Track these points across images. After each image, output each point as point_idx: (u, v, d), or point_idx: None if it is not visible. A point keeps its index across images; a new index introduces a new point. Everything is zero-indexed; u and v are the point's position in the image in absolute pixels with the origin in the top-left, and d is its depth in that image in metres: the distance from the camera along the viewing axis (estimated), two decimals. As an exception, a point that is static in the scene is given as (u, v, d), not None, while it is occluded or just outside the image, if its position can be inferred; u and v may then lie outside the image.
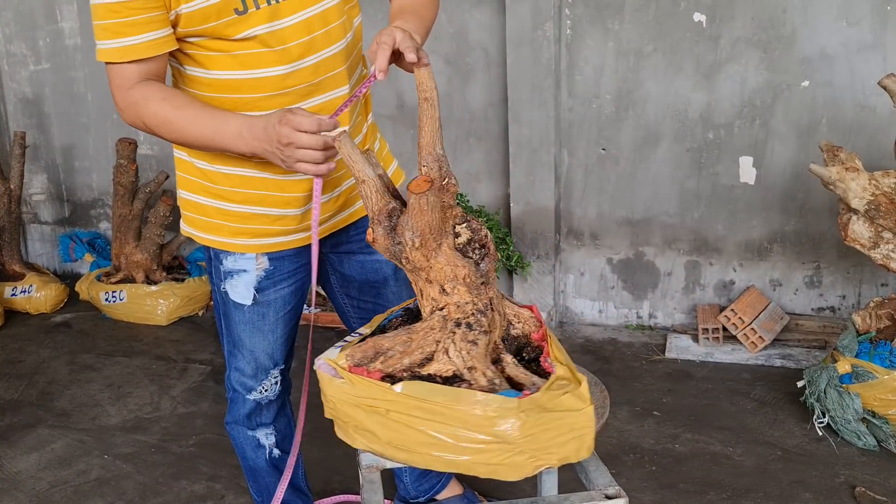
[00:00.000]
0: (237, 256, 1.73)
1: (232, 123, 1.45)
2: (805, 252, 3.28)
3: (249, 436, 1.96)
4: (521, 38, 3.33)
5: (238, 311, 1.78)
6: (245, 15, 1.48)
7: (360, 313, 1.93)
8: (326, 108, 1.60)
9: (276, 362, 1.86)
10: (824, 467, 2.42)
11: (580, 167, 3.48)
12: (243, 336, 1.80)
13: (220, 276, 1.78)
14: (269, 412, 1.93)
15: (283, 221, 1.70)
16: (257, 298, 1.76)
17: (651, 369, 3.15)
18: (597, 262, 3.58)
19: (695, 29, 3.19)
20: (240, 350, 1.83)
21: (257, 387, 1.87)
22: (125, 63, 1.47)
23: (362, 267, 1.87)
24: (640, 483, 2.37)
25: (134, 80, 1.49)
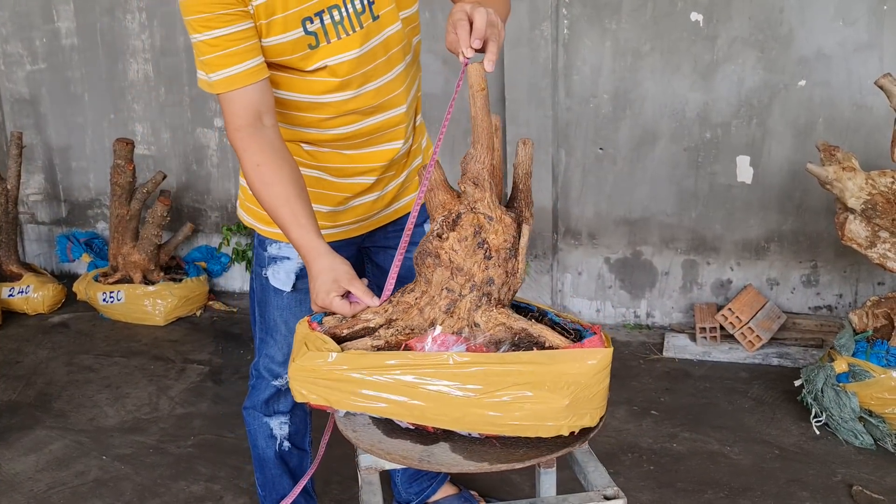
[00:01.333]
0: (281, 244, 1.78)
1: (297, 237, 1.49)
2: (802, 251, 3.29)
3: (264, 423, 1.97)
4: (519, 38, 3.33)
5: (277, 297, 1.83)
6: (316, 49, 1.54)
7: None
8: (385, 125, 1.68)
9: None
10: (821, 466, 2.43)
11: (578, 167, 3.49)
12: (279, 321, 1.85)
13: (262, 262, 1.84)
14: (286, 400, 1.95)
15: (329, 217, 1.77)
16: (297, 286, 1.81)
17: (649, 368, 3.15)
18: (594, 261, 3.58)
19: (692, 29, 3.19)
20: (273, 336, 1.87)
21: (284, 374, 1.88)
22: (233, 92, 1.49)
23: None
24: (639, 482, 2.38)
25: (243, 114, 1.51)
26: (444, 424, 1.24)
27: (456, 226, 1.31)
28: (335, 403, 1.29)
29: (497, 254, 1.30)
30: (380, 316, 1.35)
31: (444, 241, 1.31)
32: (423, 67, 3.85)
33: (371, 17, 1.55)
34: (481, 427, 1.23)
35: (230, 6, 1.44)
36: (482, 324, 1.30)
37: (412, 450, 1.27)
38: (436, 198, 1.33)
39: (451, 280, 1.31)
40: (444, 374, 1.21)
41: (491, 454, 1.25)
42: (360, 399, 1.26)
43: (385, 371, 1.24)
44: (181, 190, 4.21)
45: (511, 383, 1.19)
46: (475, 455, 1.25)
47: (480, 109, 1.30)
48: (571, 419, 1.22)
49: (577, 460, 1.43)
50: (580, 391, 1.21)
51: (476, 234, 1.30)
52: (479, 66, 1.30)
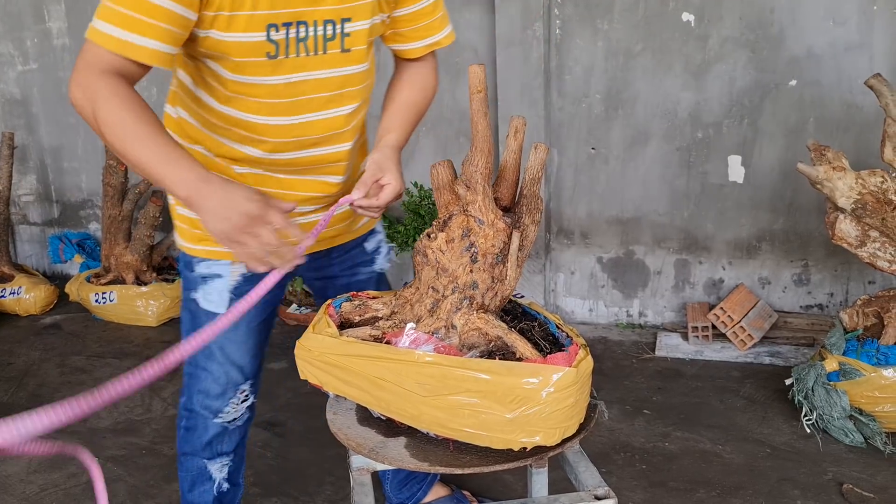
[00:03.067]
0: (211, 262, 1.66)
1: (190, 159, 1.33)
2: (793, 250, 3.30)
3: (202, 467, 1.83)
4: (511, 38, 3.34)
5: (211, 321, 1.70)
6: (274, 60, 1.45)
7: None
8: (327, 159, 1.63)
9: (247, 376, 1.77)
10: (812, 464, 2.44)
11: (570, 167, 3.49)
12: (214, 349, 1.70)
13: (191, 284, 1.69)
14: (232, 439, 1.83)
15: None
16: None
17: (641, 367, 3.16)
18: (587, 260, 3.59)
19: (683, 29, 3.20)
20: (207, 367, 1.72)
21: (225, 407, 1.76)
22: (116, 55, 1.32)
23: (347, 289, 1.76)
24: (631, 481, 2.39)
25: (110, 69, 1.33)
26: (405, 419, 1.28)
27: (446, 227, 1.31)
28: (325, 385, 1.36)
29: (484, 258, 1.31)
30: (387, 307, 1.41)
31: (432, 240, 1.32)
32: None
33: (340, 47, 1.51)
34: (436, 428, 1.25)
35: None
36: (459, 326, 1.30)
37: (370, 440, 1.31)
38: (441, 198, 1.33)
39: (437, 280, 1.32)
40: (408, 372, 1.24)
41: (439, 456, 1.26)
42: (343, 384, 1.33)
43: (357, 360, 1.29)
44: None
45: (463, 389, 1.19)
46: (423, 454, 1.27)
47: (476, 112, 1.31)
48: (519, 434, 1.19)
49: (569, 460, 1.44)
50: (531, 407, 1.17)
51: (465, 236, 1.31)
52: (479, 69, 1.30)
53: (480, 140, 1.31)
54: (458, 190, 1.32)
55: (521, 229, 1.32)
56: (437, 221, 1.34)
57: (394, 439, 1.31)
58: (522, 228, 1.32)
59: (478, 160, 1.32)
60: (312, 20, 1.45)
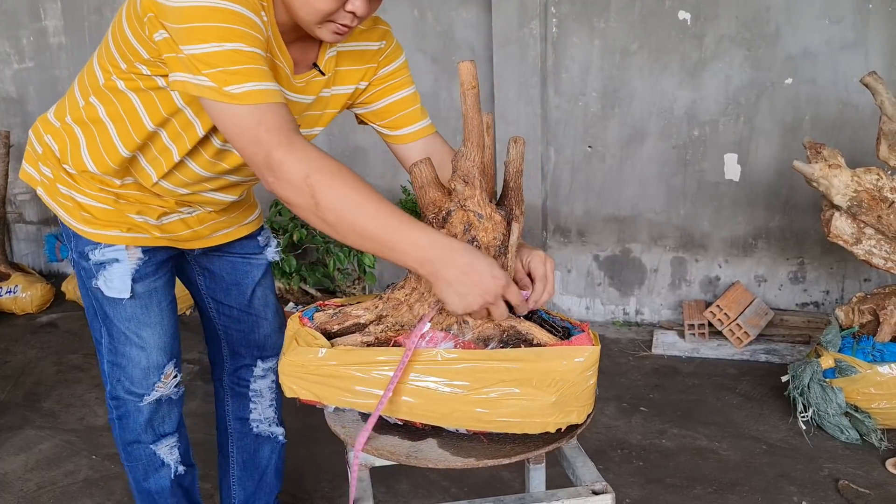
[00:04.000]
0: (105, 248, 1.62)
1: (418, 226, 1.22)
2: (789, 248, 3.31)
3: (150, 453, 1.79)
4: (508, 37, 3.34)
5: (118, 308, 1.65)
6: None
7: (226, 321, 1.89)
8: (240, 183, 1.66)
9: (170, 356, 1.74)
10: (808, 461, 2.45)
11: (567, 165, 3.50)
12: (129, 333, 1.68)
13: (89, 272, 1.64)
14: (171, 417, 1.79)
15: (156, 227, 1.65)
16: (136, 290, 1.64)
17: (638, 365, 3.17)
18: (583, 258, 3.60)
19: (680, 27, 3.21)
20: (125, 354, 1.69)
21: (151, 391, 1.73)
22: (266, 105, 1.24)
23: (233, 267, 1.83)
24: (628, 478, 2.39)
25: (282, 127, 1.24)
26: (431, 421, 1.25)
27: (446, 223, 1.31)
28: (324, 399, 1.29)
29: (487, 251, 1.31)
30: (370, 312, 1.35)
31: None
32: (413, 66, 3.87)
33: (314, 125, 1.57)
34: (469, 423, 1.24)
35: (261, 33, 1.29)
36: (470, 321, 1.31)
37: (400, 446, 1.28)
38: (427, 195, 1.33)
39: None
40: (432, 371, 1.22)
41: (478, 450, 1.26)
42: (350, 395, 1.27)
43: (374, 367, 1.24)
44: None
45: (498, 380, 1.20)
46: (462, 451, 1.26)
47: (471, 107, 1.31)
48: (558, 416, 1.23)
49: (566, 456, 1.44)
50: (567, 388, 1.21)
51: (466, 231, 1.31)
52: (470, 65, 1.30)
53: (476, 135, 1.31)
54: (454, 186, 1.32)
55: (518, 220, 1.34)
56: (436, 218, 1.33)
57: (423, 442, 1.28)
58: (518, 219, 1.34)
59: (474, 155, 1.32)
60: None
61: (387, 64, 1.60)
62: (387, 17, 4.01)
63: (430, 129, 1.66)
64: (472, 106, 1.31)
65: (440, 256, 1.19)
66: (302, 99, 1.50)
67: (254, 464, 2.05)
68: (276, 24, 1.37)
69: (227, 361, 1.96)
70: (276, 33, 1.38)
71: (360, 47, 1.55)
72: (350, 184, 1.21)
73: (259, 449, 2.04)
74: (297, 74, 1.47)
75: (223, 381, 1.99)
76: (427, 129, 1.65)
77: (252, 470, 2.05)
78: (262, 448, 2.04)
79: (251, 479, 2.06)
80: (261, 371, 1.95)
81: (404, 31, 3.59)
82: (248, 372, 1.95)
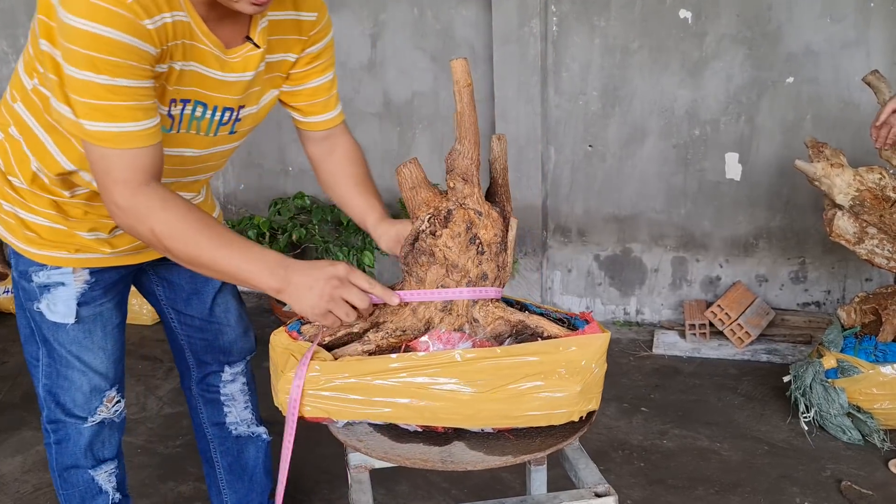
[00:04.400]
0: (50, 270, 1.56)
1: (264, 249, 1.30)
2: (790, 248, 3.30)
3: (87, 479, 1.73)
4: (508, 35, 3.33)
5: (60, 332, 1.59)
6: (168, 134, 1.42)
7: (188, 330, 1.84)
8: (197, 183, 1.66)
9: (112, 381, 1.69)
10: (810, 461, 2.43)
11: (567, 164, 3.48)
12: (71, 357, 1.62)
13: (31, 295, 1.59)
14: (112, 442, 1.74)
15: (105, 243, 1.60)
16: (81, 314, 1.59)
17: (639, 365, 3.15)
18: (584, 258, 3.58)
19: (680, 26, 3.19)
20: (67, 377, 1.63)
21: (93, 415, 1.68)
22: (119, 150, 1.25)
23: (192, 275, 1.75)
24: (629, 479, 2.38)
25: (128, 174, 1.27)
26: (456, 423, 1.23)
27: (448, 222, 1.30)
28: (335, 414, 1.25)
29: (489, 248, 1.31)
30: (364, 320, 1.32)
31: (437, 238, 1.30)
32: (413, 65, 3.83)
33: (230, 130, 1.53)
34: (495, 422, 1.23)
35: (144, 62, 1.25)
36: (481, 319, 1.30)
37: (429, 452, 1.25)
38: (418, 195, 1.31)
39: (447, 277, 1.30)
40: (452, 373, 1.20)
41: (510, 447, 1.25)
42: (364, 406, 1.23)
43: (390, 374, 1.21)
44: (169, 188, 4.17)
45: (523, 375, 1.20)
46: (496, 450, 1.25)
47: (467, 105, 1.30)
48: (582, 404, 1.24)
49: (568, 458, 1.43)
50: (589, 376, 1.23)
51: (468, 229, 1.30)
52: (464, 62, 1.29)
53: (472, 132, 1.31)
54: (453, 184, 1.31)
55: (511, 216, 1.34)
56: (437, 218, 1.31)
57: (451, 446, 1.26)
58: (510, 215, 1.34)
59: (472, 153, 1.31)
60: (213, 105, 1.44)
61: (316, 41, 1.56)
62: (386, 16, 3.99)
63: (340, 119, 1.67)
64: (468, 103, 1.30)
65: (286, 265, 1.27)
66: (241, 77, 1.45)
67: (240, 466, 2.00)
68: (193, 9, 1.32)
69: (193, 370, 1.91)
70: (195, 18, 1.33)
71: (291, 16, 1.50)
72: (194, 229, 1.27)
73: (243, 450, 1.99)
74: (231, 50, 1.42)
75: (192, 390, 1.94)
76: (337, 119, 1.66)
77: (240, 472, 2.01)
78: (246, 449, 1.99)
79: (240, 481, 2.01)
80: (229, 376, 1.90)
81: (403, 29, 3.57)
82: (216, 378, 1.90)
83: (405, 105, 3.66)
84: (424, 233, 1.31)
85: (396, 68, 3.63)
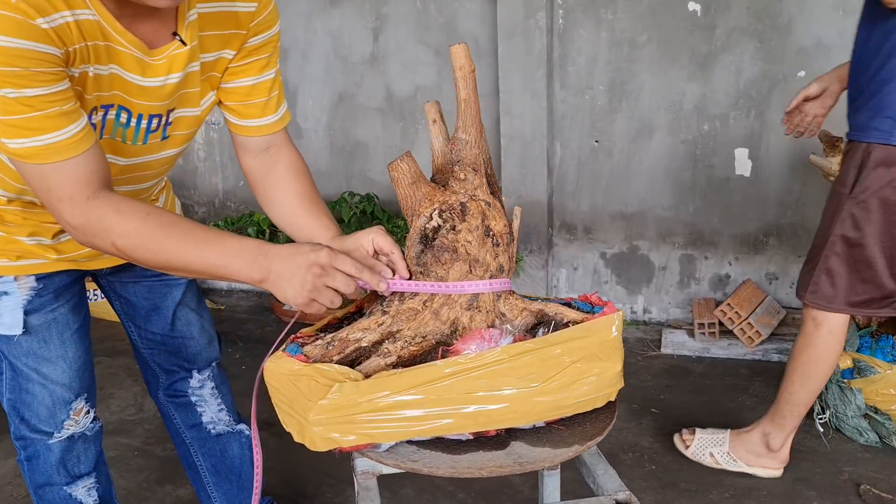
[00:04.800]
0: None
1: (238, 239, 1.21)
2: (801, 245, 3.23)
3: (65, 496, 1.62)
4: (513, 28, 3.26)
5: (13, 345, 1.48)
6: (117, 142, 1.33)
7: (150, 344, 1.74)
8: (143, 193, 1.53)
9: (78, 392, 1.56)
10: (827, 464, 2.37)
11: (573, 160, 3.42)
12: (28, 370, 1.50)
13: None
14: (87, 456, 1.62)
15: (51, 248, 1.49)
16: (29, 324, 1.47)
17: (647, 365, 3.09)
18: (590, 256, 3.52)
19: (689, 18, 3.13)
20: (28, 390, 1.52)
21: (60, 429, 1.56)
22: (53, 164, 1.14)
23: (149, 291, 1.67)
24: (641, 482, 2.31)
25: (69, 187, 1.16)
26: (510, 422, 1.16)
27: (465, 215, 1.23)
28: (381, 438, 1.12)
29: (502, 240, 1.25)
30: (372, 332, 1.22)
31: (458, 233, 1.23)
32: (416, 59, 3.76)
33: (161, 136, 1.38)
34: (549, 414, 1.18)
35: (49, 65, 1.12)
36: (507, 313, 1.25)
37: (497, 458, 1.15)
38: (419, 191, 1.23)
39: (471, 273, 1.23)
40: (503, 370, 1.13)
41: (569, 437, 1.20)
42: (408, 424, 1.12)
43: (439, 383, 1.11)
44: (166, 185, 4.11)
45: (569, 362, 1.16)
46: (558, 442, 1.19)
47: (473, 91, 1.23)
48: (618, 384, 1.24)
49: (585, 462, 1.37)
50: (620, 353, 1.24)
51: (482, 222, 1.24)
52: (464, 47, 1.22)
53: (478, 121, 1.25)
54: (463, 175, 1.25)
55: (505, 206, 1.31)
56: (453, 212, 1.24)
57: (511, 447, 1.18)
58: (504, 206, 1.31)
59: (479, 141, 1.25)
60: (137, 113, 1.31)
61: (259, 32, 1.40)
62: (388, 9, 3.92)
63: (281, 125, 1.49)
64: (473, 90, 1.23)
65: (265, 253, 1.18)
66: (165, 81, 1.30)
67: (226, 465, 1.89)
68: (101, 6, 1.18)
69: (160, 377, 1.81)
70: (106, 16, 1.18)
71: (226, 8, 1.34)
72: (158, 234, 1.18)
73: (226, 449, 1.87)
74: (156, 50, 1.26)
75: (160, 398, 1.84)
76: (277, 125, 1.48)
77: (226, 472, 1.89)
78: (229, 447, 1.87)
79: (228, 481, 1.90)
80: (197, 382, 1.80)
81: (406, 23, 3.51)
82: (184, 384, 1.80)
83: (408, 100, 3.59)
84: (444, 228, 1.22)
85: (399, 62, 3.57)
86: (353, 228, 3.54)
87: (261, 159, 1.49)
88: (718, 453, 2.33)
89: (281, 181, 1.47)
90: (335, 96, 3.73)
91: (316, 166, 3.74)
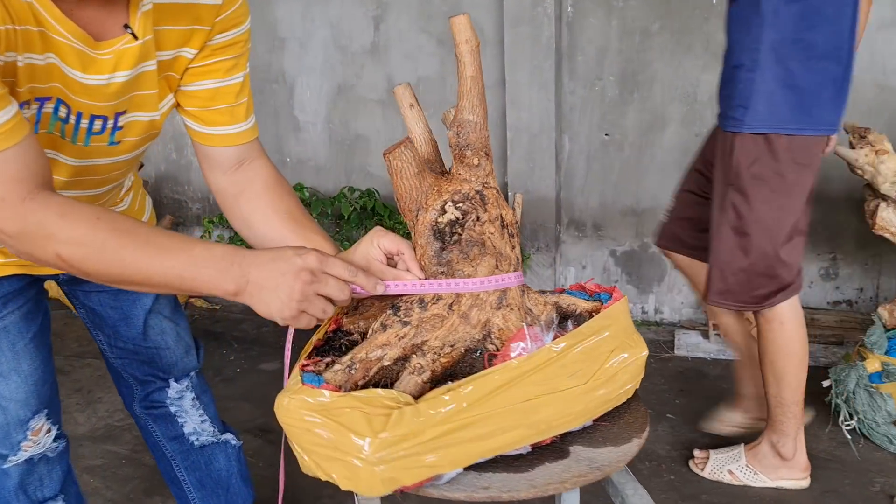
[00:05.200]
0: None
1: (217, 250, 1.04)
2: (820, 243, 3.10)
3: None
4: (520, 16, 3.13)
5: None
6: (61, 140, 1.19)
7: (121, 354, 1.61)
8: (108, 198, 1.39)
9: (36, 409, 1.40)
10: (857, 474, 2.24)
11: (582, 154, 3.29)
12: None
13: None
14: (52, 478, 1.45)
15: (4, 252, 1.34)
16: None
17: (661, 368, 2.96)
18: (599, 254, 3.39)
19: (704, 5, 3.00)
20: None
21: (16, 452, 1.39)
22: None
23: (115, 300, 1.53)
24: (660, 494, 2.18)
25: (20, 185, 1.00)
26: (566, 426, 1.07)
27: (486, 204, 1.10)
28: (443, 466, 0.98)
29: (514, 230, 1.14)
30: (393, 347, 1.06)
31: (483, 224, 1.09)
32: (419, 49, 3.61)
33: (108, 141, 1.23)
34: (600, 409, 1.11)
35: None
36: (533, 308, 1.13)
37: (571, 468, 1.04)
38: (425, 182, 1.09)
39: (497, 269, 1.09)
40: (555, 372, 1.04)
41: (621, 433, 1.13)
42: (473, 445, 0.99)
43: (499, 391, 0.99)
44: (160, 180, 3.98)
45: (609, 352, 1.11)
46: (617, 440, 1.12)
47: (478, 67, 1.09)
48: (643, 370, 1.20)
49: (613, 482, 1.23)
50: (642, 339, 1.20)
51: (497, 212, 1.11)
52: (466, 17, 1.08)
53: (484, 100, 1.11)
54: (477, 161, 1.11)
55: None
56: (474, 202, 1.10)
57: (575, 453, 1.08)
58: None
59: (485, 123, 1.13)
60: (77, 110, 1.16)
61: (225, 29, 1.24)
62: (390, -6, 3.72)
63: (253, 135, 1.33)
64: (479, 65, 1.10)
65: (240, 261, 1.01)
66: (110, 79, 1.14)
67: (212, 479, 1.74)
68: None
69: (135, 389, 1.66)
70: (43, 2, 1.04)
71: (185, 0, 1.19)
72: (110, 241, 1.00)
73: (212, 461, 1.73)
74: (102, 43, 1.12)
75: (136, 410, 1.68)
76: (248, 135, 1.32)
77: (213, 486, 1.75)
78: (215, 458, 1.73)
79: (215, 495, 1.76)
80: (175, 393, 1.65)
81: (408, 11, 3.37)
82: (161, 394, 1.65)
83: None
84: (469, 220, 1.07)
85: (401, 52, 3.43)
86: (354, 225, 3.40)
87: (235, 177, 1.32)
88: (737, 468, 2.21)
89: (259, 200, 1.30)
90: (334, 88, 3.60)
91: (314, 160, 3.61)
